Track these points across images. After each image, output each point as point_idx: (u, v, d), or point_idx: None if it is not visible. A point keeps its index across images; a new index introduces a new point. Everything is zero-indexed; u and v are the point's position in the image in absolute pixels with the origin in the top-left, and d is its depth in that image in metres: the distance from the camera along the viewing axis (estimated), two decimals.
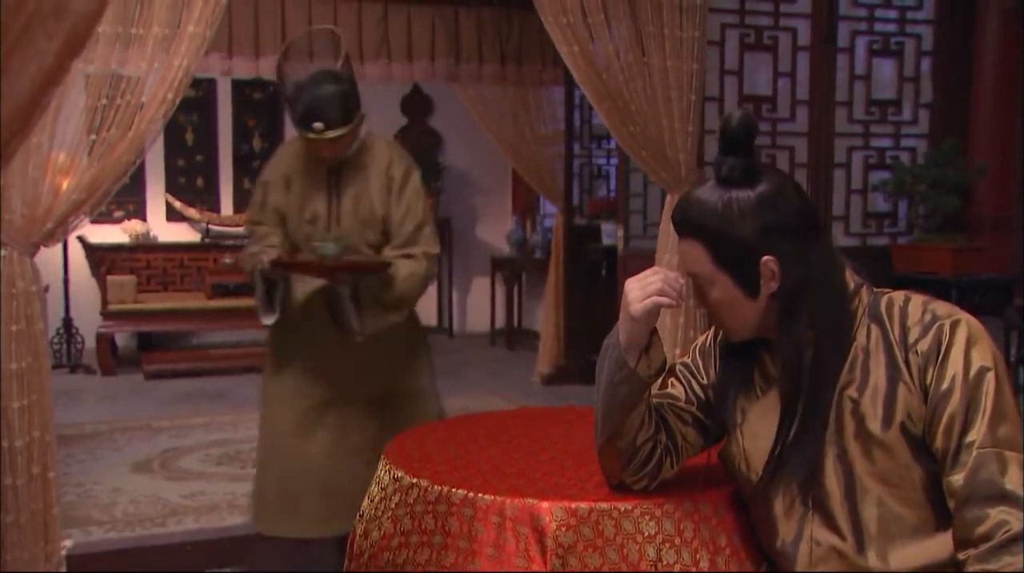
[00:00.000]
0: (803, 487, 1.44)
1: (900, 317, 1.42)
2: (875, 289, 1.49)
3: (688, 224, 1.46)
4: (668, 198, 3.65)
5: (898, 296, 1.46)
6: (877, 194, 4.22)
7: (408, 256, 2.70)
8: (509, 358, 7.14)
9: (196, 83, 3.17)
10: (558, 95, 6.25)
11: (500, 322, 7.73)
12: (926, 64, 4.27)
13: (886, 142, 4.27)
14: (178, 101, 2.97)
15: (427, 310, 8.14)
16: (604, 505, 1.47)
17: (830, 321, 1.43)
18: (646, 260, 3.81)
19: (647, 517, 1.47)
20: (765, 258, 1.41)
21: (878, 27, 4.21)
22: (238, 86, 7.52)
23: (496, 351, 7.50)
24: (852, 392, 1.41)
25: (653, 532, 1.46)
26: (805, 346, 1.42)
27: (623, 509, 1.47)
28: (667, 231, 3.63)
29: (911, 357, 1.38)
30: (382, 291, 2.66)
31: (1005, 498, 1.29)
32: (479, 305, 8.12)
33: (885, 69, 4.25)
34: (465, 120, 6.81)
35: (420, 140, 8.01)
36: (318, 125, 2.56)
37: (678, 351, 3.57)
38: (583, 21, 3.40)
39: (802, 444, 1.43)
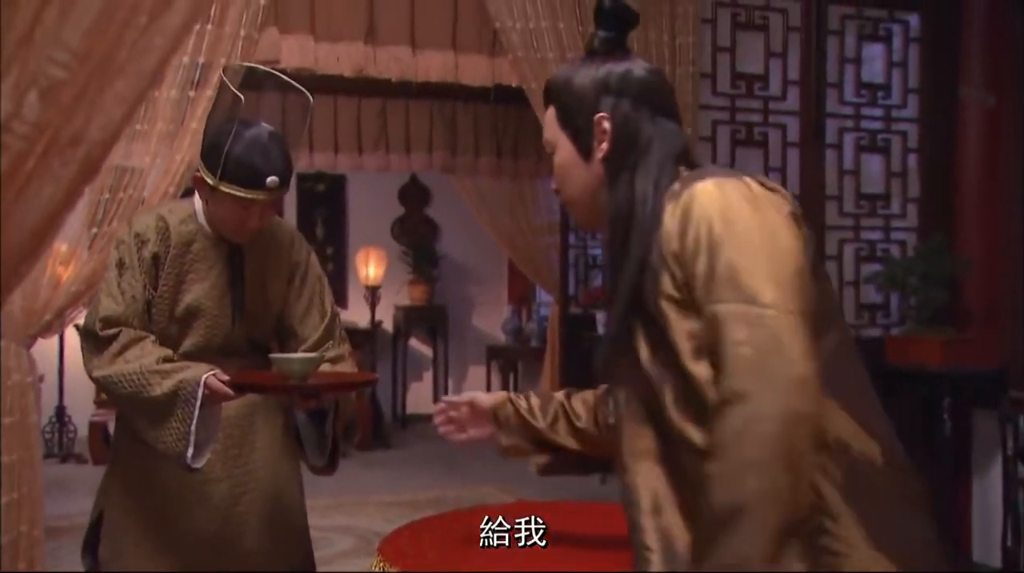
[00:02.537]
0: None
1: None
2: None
3: (546, 93, 1.49)
4: None
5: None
6: (869, 286, 4.25)
7: (335, 361, 2.18)
8: None
9: None
10: None
11: None
12: (912, 160, 4.35)
13: (876, 235, 4.32)
14: (179, 194, 3.00)
15: (423, 398, 8.07)
16: None
17: (644, 201, 1.33)
18: None
19: None
20: (599, 115, 1.39)
21: (865, 124, 4.30)
22: None
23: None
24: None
25: None
26: (633, 213, 1.33)
27: None
28: None
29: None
30: (346, 409, 2.18)
31: None
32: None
33: (873, 164, 4.32)
34: (461, 210, 6.89)
35: (417, 229, 8.09)
36: (273, 180, 2.00)
37: None
38: None
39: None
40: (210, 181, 2.01)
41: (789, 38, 4.16)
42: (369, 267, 7.20)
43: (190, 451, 1.94)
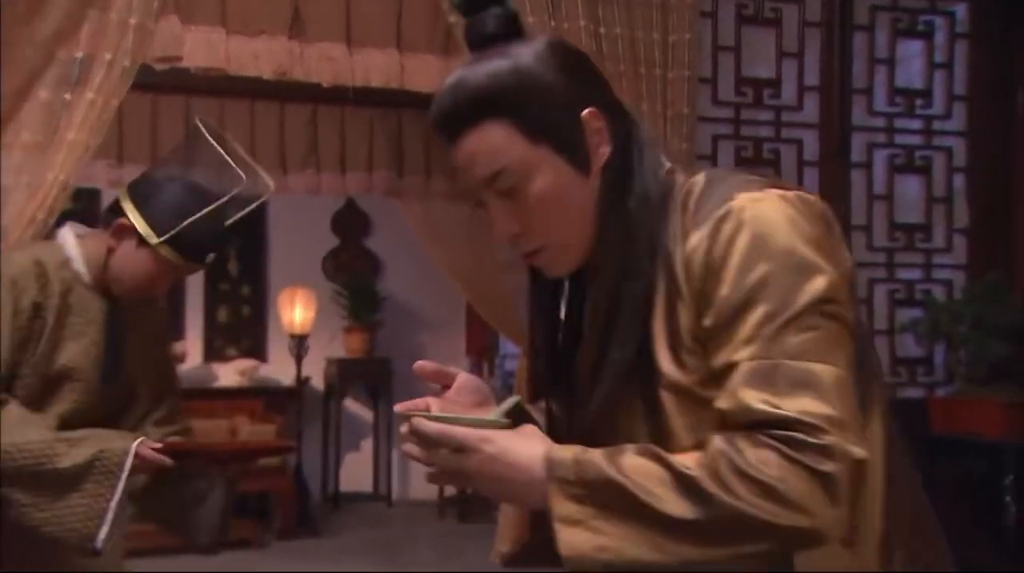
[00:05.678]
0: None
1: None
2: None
3: (474, 107, 1.24)
4: None
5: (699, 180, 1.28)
6: (907, 336, 4.20)
7: (181, 433, 2.38)
8: (462, 533, 7.02)
9: (76, 194, 3.16)
10: None
11: (450, 488, 7.54)
12: (959, 182, 4.33)
13: (915, 273, 4.29)
14: (52, 222, 2.91)
15: (361, 474, 7.96)
16: None
17: (648, 214, 1.26)
18: None
19: None
20: (587, 111, 1.25)
21: (900, 139, 4.28)
22: None
23: (445, 524, 7.37)
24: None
25: None
26: (629, 244, 1.26)
27: None
28: None
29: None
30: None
31: None
32: (425, 467, 7.94)
33: (910, 187, 4.30)
34: (409, 242, 6.83)
35: (354, 264, 8.08)
36: (211, 256, 2.24)
37: None
38: None
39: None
40: (149, 240, 2.14)
41: (807, 35, 4.15)
42: (295, 311, 7.20)
43: (103, 531, 2.01)
